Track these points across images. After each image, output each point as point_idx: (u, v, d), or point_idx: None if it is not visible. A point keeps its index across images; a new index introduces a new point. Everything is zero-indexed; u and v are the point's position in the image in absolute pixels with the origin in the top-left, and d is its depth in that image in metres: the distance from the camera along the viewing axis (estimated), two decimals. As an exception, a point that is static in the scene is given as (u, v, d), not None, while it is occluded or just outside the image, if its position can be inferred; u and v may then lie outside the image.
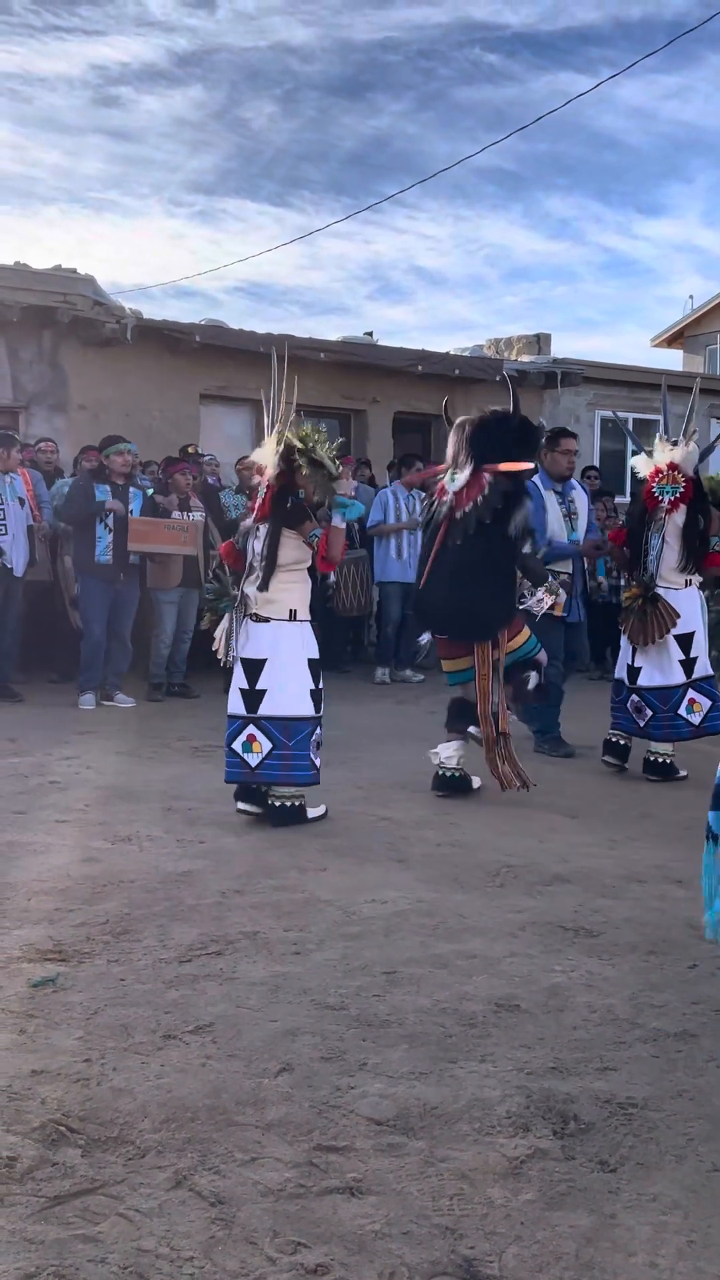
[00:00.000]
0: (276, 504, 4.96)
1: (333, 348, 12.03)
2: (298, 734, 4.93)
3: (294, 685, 4.95)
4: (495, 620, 5.47)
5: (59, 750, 6.38)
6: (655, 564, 6.03)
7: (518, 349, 14.20)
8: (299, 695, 4.96)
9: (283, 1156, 2.29)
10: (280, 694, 4.93)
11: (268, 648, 4.95)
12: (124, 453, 8.12)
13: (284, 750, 4.92)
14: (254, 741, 4.93)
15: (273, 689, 4.93)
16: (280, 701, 4.93)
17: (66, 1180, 2.20)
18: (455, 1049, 2.80)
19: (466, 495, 5.36)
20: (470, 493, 5.34)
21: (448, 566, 5.41)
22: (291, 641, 4.97)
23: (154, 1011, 2.96)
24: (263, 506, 4.99)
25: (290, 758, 4.92)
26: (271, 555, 4.92)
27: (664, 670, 6.04)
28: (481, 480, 5.33)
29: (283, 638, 4.96)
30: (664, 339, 24.35)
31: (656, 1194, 2.19)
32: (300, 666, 4.98)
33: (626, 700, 6.18)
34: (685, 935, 3.64)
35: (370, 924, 3.68)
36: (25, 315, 10.13)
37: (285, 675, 4.94)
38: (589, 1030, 2.93)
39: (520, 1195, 2.18)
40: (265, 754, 4.92)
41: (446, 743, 5.68)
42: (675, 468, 6.04)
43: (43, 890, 3.93)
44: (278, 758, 4.92)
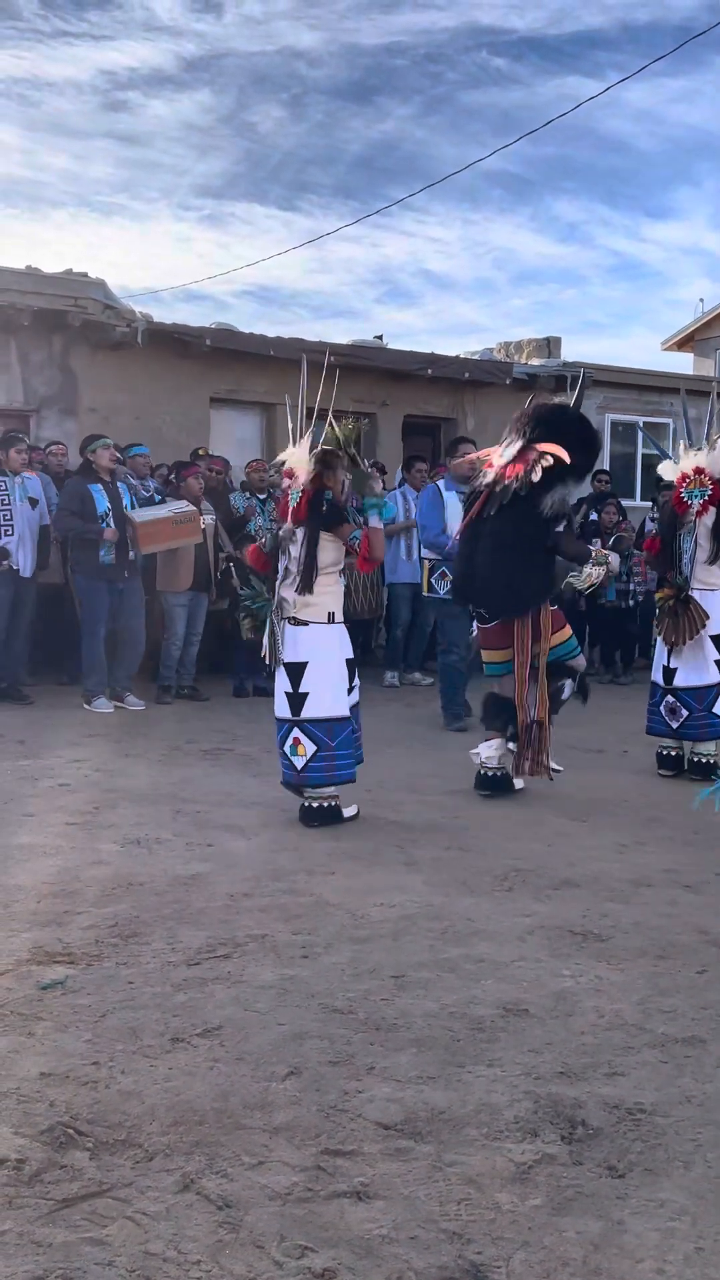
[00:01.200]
0: (313, 508, 5.02)
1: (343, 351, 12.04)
2: (339, 734, 5.03)
3: (334, 687, 5.04)
4: (530, 594, 5.48)
5: (68, 752, 6.39)
6: (689, 566, 6.13)
7: (528, 352, 14.19)
8: (338, 696, 5.05)
9: (290, 1160, 2.29)
10: (321, 696, 5.02)
11: (307, 651, 5.03)
12: (108, 447, 8.11)
13: (327, 752, 5.01)
14: (299, 745, 5.03)
15: (314, 692, 5.01)
16: (322, 704, 5.02)
17: (74, 1183, 2.20)
18: (463, 1053, 2.80)
19: (511, 469, 5.41)
20: (515, 467, 5.40)
21: (482, 537, 5.49)
22: (330, 644, 5.06)
23: (162, 1014, 2.97)
24: (298, 510, 5.04)
25: (334, 759, 5.02)
26: (311, 558, 4.98)
27: (699, 670, 6.13)
28: (528, 457, 5.37)
29: (321, 641, 5.04)
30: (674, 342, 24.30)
31: (664, 1200, 2.19)
32: (339, 667, 5.08)
33: (661, 703, 6.27)
34: (694, 940, 3.64)
35: (378, 927, 3.68)
36: (36, 319, 10.16)
37: (326, 678, 5.03)
38: (597, 1035, 2.92)
39: (528, 1200, 2.17)
40: (310, 757, 5.01)
41: (486, 742, 5.75)
42: (701, 471, 6.15)
43: (52, 893, 3.94)
44: (322, 760, 5.01)
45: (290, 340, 11.68)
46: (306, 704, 5.00)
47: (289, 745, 5.05)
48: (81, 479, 8.10)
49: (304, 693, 5.00)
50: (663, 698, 6.24)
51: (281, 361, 11.56)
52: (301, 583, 4.98)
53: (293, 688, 5.03)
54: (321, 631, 5.04)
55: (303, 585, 4.98)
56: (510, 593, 5.46)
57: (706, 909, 3.97)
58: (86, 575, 7.99)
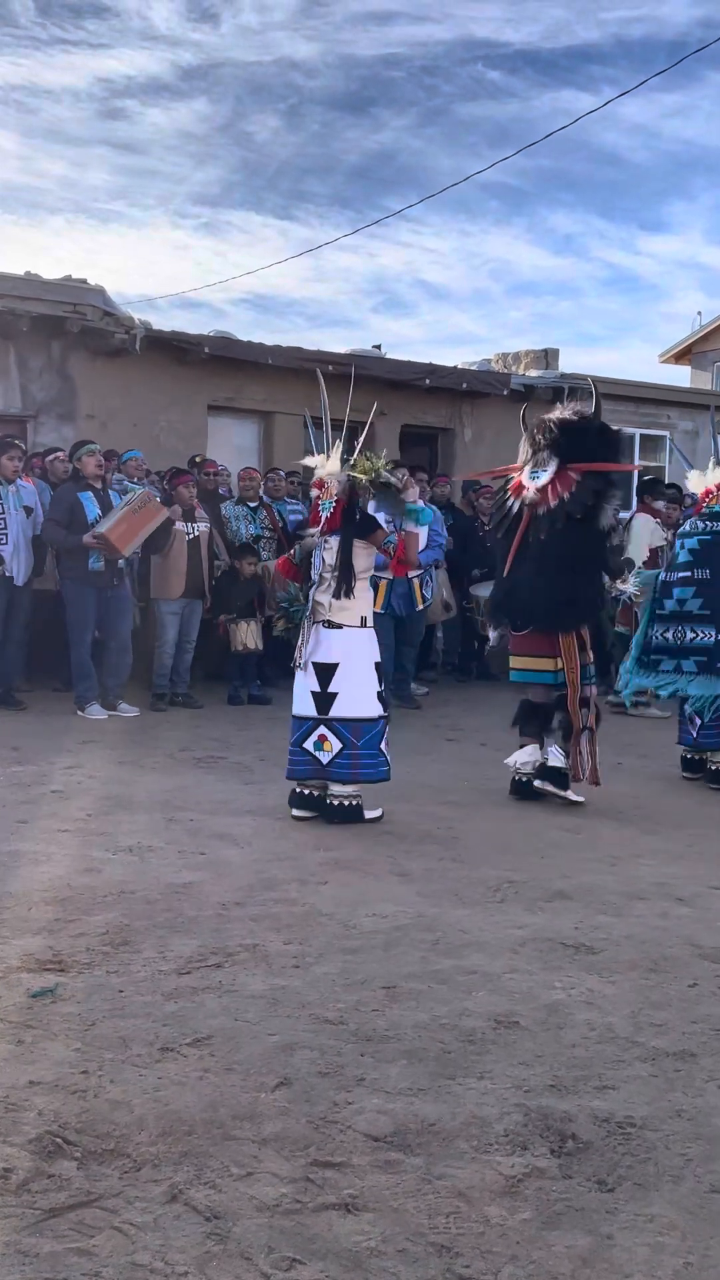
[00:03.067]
0: (347, 517, 5.31)
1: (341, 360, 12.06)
2: (366, 734, 5.22)
3: (364, 689, 5.25)
4: (585, 610, 5.76)
5: (61, 759, 6.38)
6: None
7: (526, 363, 14.23)
8: (368, 698, 5.25)
9: (279, 1171, 2.28)
10: (351, 697, 5.22)
11: (340, 653, 5.24)
12: (94, 454, 8.10)
13: (353, 750, 5.20)
14: (325, 741, 5.22)
15: (343, 692, 5.22)
16: (351, 704, 5.22)
17: (62, 1193, 2.19)
18: (454, 1065, 2.79)
19: (552, 491, 5.57)
20: (556, 489, 5.57)
21: (533, 560, 5.63)
22: (362, 647, 5.29)
23: (152, 1023, 2.96)
24: (332, 519, 5.32)
25: (358, 757, 5.21)
26: (347, 564, 5.23)
27: None
28: (569, 478, 5.55)
29: (354, 643, 5.27)
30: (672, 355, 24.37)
31: (654, 1215, 2.18)
32: (369, 670, 5.29)
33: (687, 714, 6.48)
34: (686, 954, 3.63)
35: (370, 938, 3.67)
36: (35, 325, 10.17)
37: (356, 679, 5.24)
38: (588, 1048, 2.92)
39: (517, 1214, 2.17)
40: (335, 753, 5.19)
41: (520, 749, 5.87)
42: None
43: (43, 900, 3.93)
44: (347, 757, 5.20)
45: (288, 349, 11.71)
46: (335, 703, 5.21)
47: (313, 741, 5.23)
48: (71, 486, 8.10)
49: (333, 693, 5.22)
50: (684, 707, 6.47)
51: (279, 370, 11.60)
52: (340, 587, 5.23)
53: (320, 687, 5.24)
54: (355, 634, 5.27)
55: (341, 590, 5.24)
56: (569, 608, 5.67)
57: (699, 922, 3.97)
58: (75, 581, 7.98)
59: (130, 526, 7.89)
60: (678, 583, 6.22)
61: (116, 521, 7.84)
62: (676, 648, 6.17)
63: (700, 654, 6.07)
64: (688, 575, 6.19)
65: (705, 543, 6.16)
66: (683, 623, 6.16)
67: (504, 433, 13.32)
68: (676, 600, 6.19)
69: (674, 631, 6.20)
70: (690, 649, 6.12)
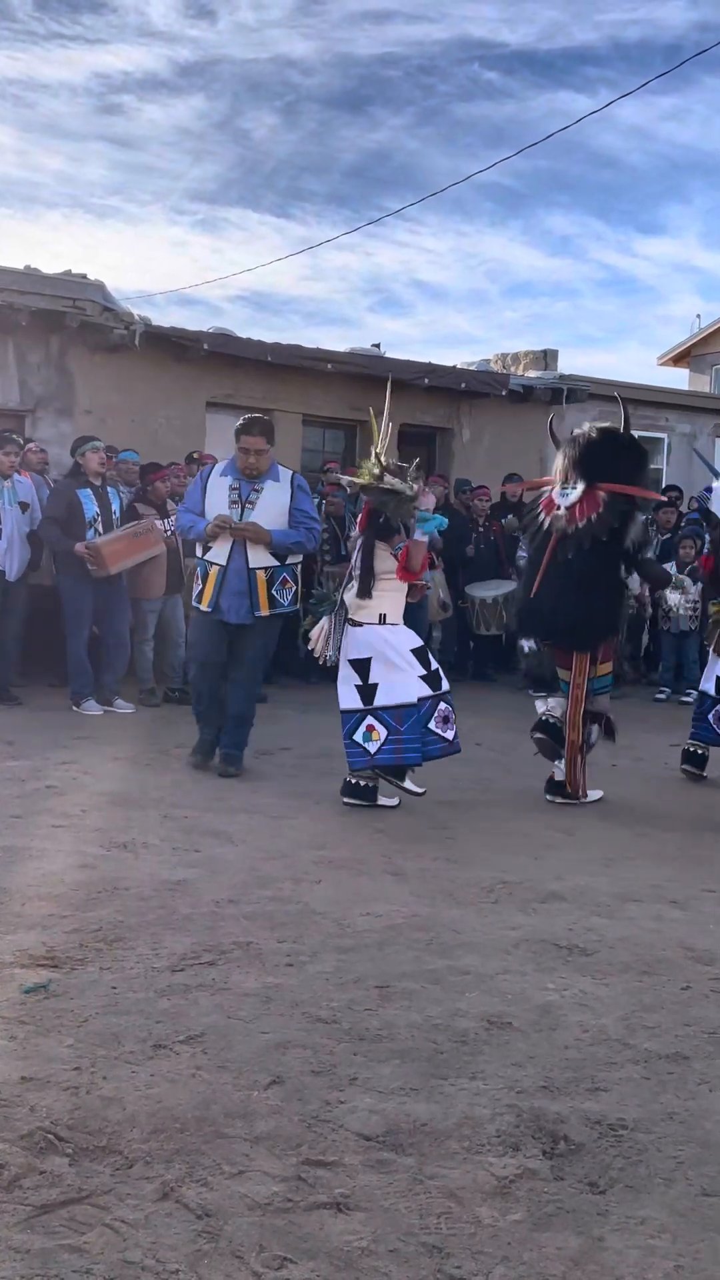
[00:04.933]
0: (371, 519, 5.54)
1: (340, 359, 12.06)
2: (408, 719, 5.44)
3: (400, 675, 5.47)
4: (604, 631, 5.84)
5: (57, 755, 6.37)
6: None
7: (524, 364, 14.23)
8: (407, 684, 5.48)
9: (271, 1170, 2.29)
10: (391, 685, 5.45)
11: (366, 648, 5.49)
12: (98, 450, 8.08)
13: (396, 735, 5.43)
14: (373, 731, 5.45)
15: (382, 682, 5.46)
16: (391, 692, 5.45)
17: (54, 1189, 2.19)
18: (446, 1065, 2.79)
19: (580, 511, 5.62)
20: (584, 509, 5.62)
21: (559, 579, 5.68)
22: (385, 639, 5.50)
23: (145, 1020, 2.96)
24: (361, 521, 5.63)
25: (402, 742, 5.43)
26: (368, 565, 5.48)
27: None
28: (597, 498, 5.61)
29: (376, 638, 5.49)
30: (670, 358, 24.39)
31: (645, 1217, 2.18)
32: (404, 657, 5.51)
33: (710, 711, 6.52)
34: (679, 956, 3.64)
35: (364, 937, 3.67)
36: (34, 319, 10.15)
37: (391, 668, 5.47)
38: (580, 1050, 2.92)
39: (508, 1215, 2.17)
40: (382, 741, 5.43)
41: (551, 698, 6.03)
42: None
43: (37, 895, 3.93)
44: (391, 743, 5.43)
45: (287, 346, 11.69)
46: (378, 693, 5.45)
47: (361, 733, 5.46)
48: (70, 482, 8.07)
49: (374, 684, 5.47)
50: (711, 706, 6.51)
51: (278, 367, 11.59)
52: (360, 588, 5.49)
53: (362, 680, 5.49)
54: (375, 630, 5.50)
55: (361, 590, 5.48)
56: (591, 628, 5.75)
57: (692, 925, 3.97)
58: (72, 577, 7.96)
59: (126, 547, 7.92)
60: None
61: (114, 539, 7.86)
62: None
63: None
64: None
65: None
66: None
67: (502, 433, 13.35)
68: None
69: None
70: None
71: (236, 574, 5.84)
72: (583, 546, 5.59)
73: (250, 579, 5.83)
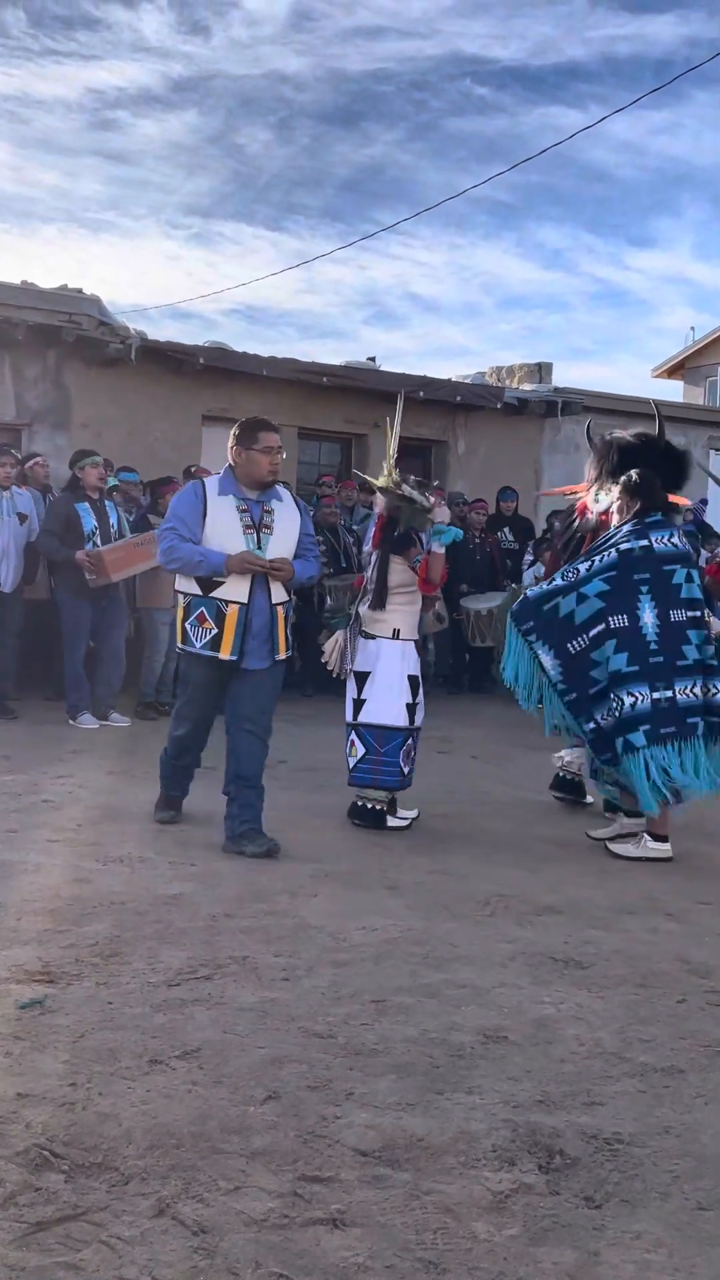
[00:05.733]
0: (386, 532, 5.52)
1: (336, 372, 12.10)
2: (389, 742, 5.41)
3: (390, 697, 5.42)
4: None
5: (53, 769, 6.37)
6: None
7: (519, 377, 14.28)
8: (395, 707, 5.42)
9: (267, 1186, 2.28)
10: (377, 704, 5.42)
11: (372, 662, 5.45)
12: (96, 465, 8.10)
13: (375, 756, 5.40)
14: (353, 746, 5.46)
15: (371, 699, 5.43)
16: (376, 711, 5.42)
17: (49, 1206, 2.19)
18: (442, 1080, 2.79)
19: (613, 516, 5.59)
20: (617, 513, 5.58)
21: None
22: (392, 657, 5.46)
23: (141, 1036, 2.95)
24: (375, 535, 5.58)
25: (380, 764, 5.40)
26: (382, 579, 5.46)
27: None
28: None
29: (384, 653, 5.45)
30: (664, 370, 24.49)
31: (641, 1231, 2.18)
32: (399, 680, 5.45)
33: None
34: (675, 969, 3.64)
35: (360, 951, 3.67)
36: (30, 333, 10.19)
37: (383, 688, 5.43)
38: (576, 1063, 2.92)
39: (504, 1230, 2.17)
40: (359, 758, 5.42)
41: (571, 747, 5.97)
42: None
43: (33, 910, 3.92)
44: (369, 762, 5.41)
45: (283, 360, 11.74)
46: (364, 710, 5.43)
47: (347, 746, 5.50)
48: (69, 496, 8.09)
49: (364, 699, 5.43)
50: None
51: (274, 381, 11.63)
52: (374, 600, 5.46)
53: (356, 694, 5.48)
54: (386, 646, 5.47)
55: (375, 603, 5.46)
56: None
57: (688, 937, 3.98)
58: (70, 591, 7.97)
59: (127, 555, 7.94)
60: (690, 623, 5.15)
61: (115, 547, 7.88)
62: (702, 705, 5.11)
63: None
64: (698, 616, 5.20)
65: None
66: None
67: (497, 446, 13.39)
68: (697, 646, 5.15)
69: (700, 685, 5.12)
70: None
71: (259, 614, 4.90)
72: None
73: (272, 618, 4.94)
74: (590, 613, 5.07)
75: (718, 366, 23.13)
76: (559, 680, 5.11)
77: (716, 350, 23.24)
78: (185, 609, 4.95)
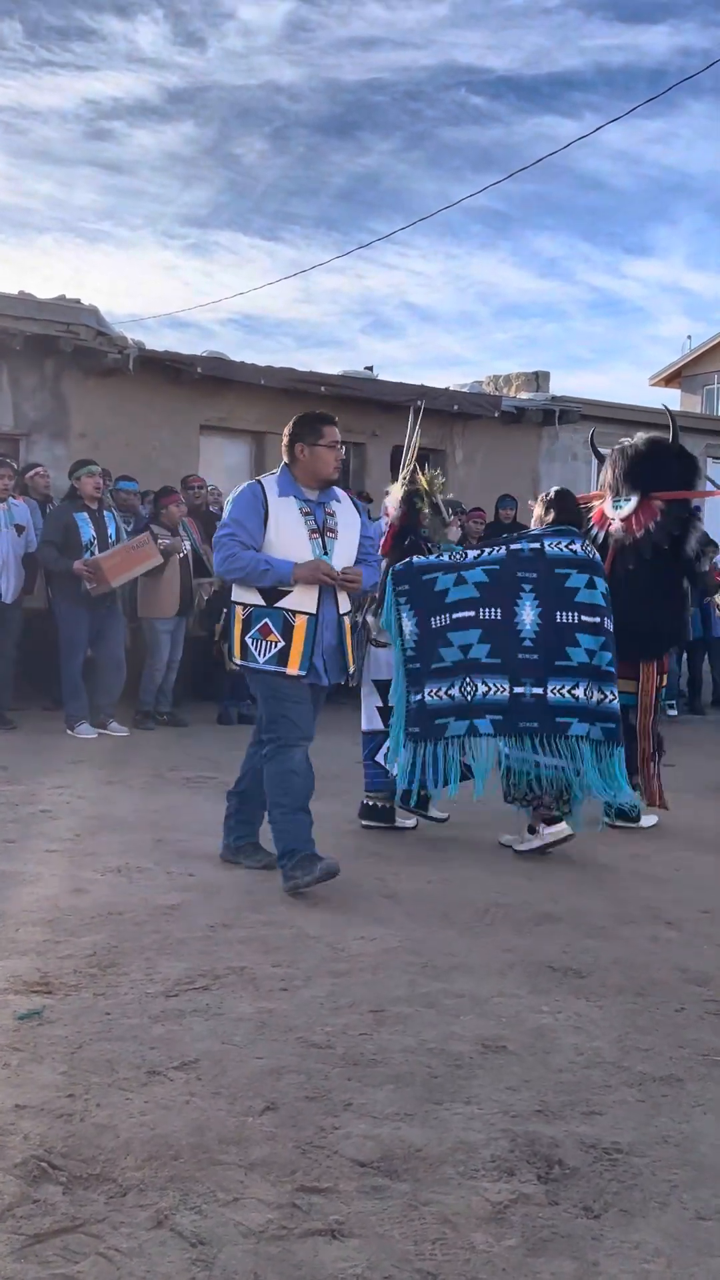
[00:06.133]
0: (396, 541, 5.53)
1: (334, 382, 12.13)
2: (368, 746, 5.63)
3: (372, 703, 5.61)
4: (673, 638, 5.96)
5: (50, 779, 6.37)
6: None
7: (516, 386, 14.31)
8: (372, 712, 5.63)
9: (265, 1197, 2.28)
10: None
11: (388, 668, 5.47)
12: (94, 474, 8.11)
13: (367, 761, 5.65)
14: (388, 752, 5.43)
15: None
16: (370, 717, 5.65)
17: (47, 1218, 2.18)
18: (441, 1090, 2.79)
19: (637, 521, 5.67)
20: (641, 519, 5.67)
21: (625, 589, 5.56)
22: None
23: (139, 1046, 2.95)
24: (385, 543, 5.53)
25: (366, 767, 5.64)
26: None
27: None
28: (653, 508, 5.66)
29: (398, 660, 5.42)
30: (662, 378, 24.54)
31: (639, 1241, 2.18)
32: None
33: None
34: (674, 978, 3.64)
35: (358, 961, 3.67)
36: (28, 344, 10.21)
37: None
38: (575, 1073, 2.92)
39: (503, 1241, 2.16)
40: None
41: None
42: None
43: (31, 921, 3.92)
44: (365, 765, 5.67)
45: (281, 370, 11.76)
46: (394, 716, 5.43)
47: (383, 753, 5.45)
48: (67, 506, 8.11)
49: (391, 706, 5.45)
50: None
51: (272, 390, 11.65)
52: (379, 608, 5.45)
53: (383, 701, 5.53)
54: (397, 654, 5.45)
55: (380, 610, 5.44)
56: (656, 639, 5.80)
57: (686, 946, 3.98)
58: (68, 600, 7.98)
59: (124, 560, 7.96)
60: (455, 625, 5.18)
61: (111, 553, 7.89)
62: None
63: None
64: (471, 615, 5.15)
65: None
66: None
67: (495, 454, 13.41)
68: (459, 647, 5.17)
69: None
70: None
71: (329, 626, 4.55)
72: (644, 556, 5.62)
73: (341, 630, 4.62)
74: (462, 597, 5.16)
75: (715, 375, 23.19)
76: (410, 647, 5.25)
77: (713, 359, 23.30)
78: (245, 621, 4.50)
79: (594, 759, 5.02)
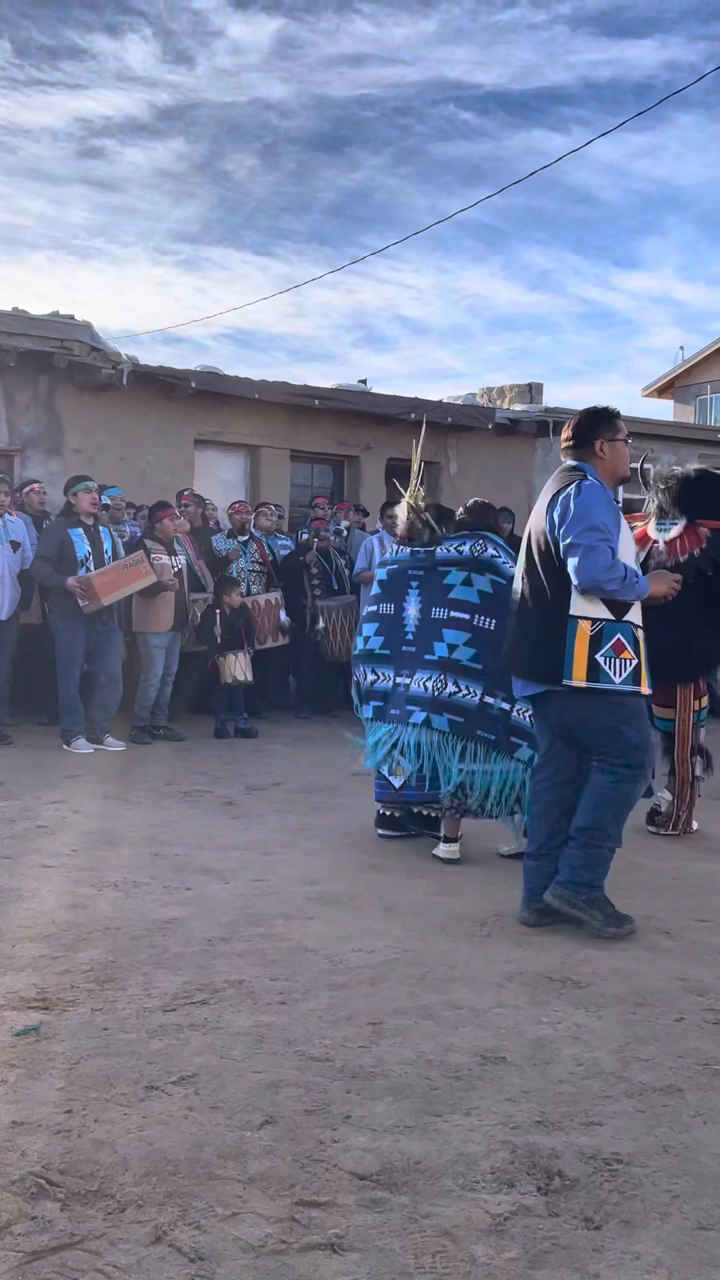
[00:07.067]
0: None
1: (327, 395, 12.16)
2: None
3: None
4: (710, 663, 5.97)
5: (47, 794, 6.35)
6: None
7: (510, 398, 14.35)
8: None
9: (264, 1211, 2.27)
10: None
11: None
12: (90, 490, 8.11)
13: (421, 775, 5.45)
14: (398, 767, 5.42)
15: None
16: None
17: (45, 1234, 2.17)
18: (440, 1102, 2.78)
19: (682, 545, 5.79)
20: (686, 543, 5.79)
21: (663, 612, 5.44)
22: None
23: (137, 1062, 2.94)
24: None
25: (424, 780, 5.41)
26: None
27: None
28: (699, 534, 5.79)
29: None
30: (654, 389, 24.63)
31: (640, 1252, 2.17)
32: None
33: None
34: (673, 987, 3.63)
35: (357, 973, 3.66)
36: (22, 360, 10.23)
37: None
38: (575, 1084, 2.91)
39: (503, 1253, 2.16)
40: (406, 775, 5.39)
41: (667, 787, 6.06)
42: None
43: (28, 936, 3.91)
44: (417, 780, 5.44)
45: (274, 384, 11.79)
46: None
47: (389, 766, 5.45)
48: (63, 522, 8.11)
49: None
50: None
51: (266, 404, 11.68)
52: None
53: None
54: None
55: None
56: (697, 660, 5.85)
57: (685, 956, 3.97)
58: (64, 616, 7.98)
59: (117, 578, 7.95)
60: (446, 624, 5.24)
61: (104, 571, 7.89)
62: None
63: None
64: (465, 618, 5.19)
65: None
66: None
67: (489, 466, 13.45)
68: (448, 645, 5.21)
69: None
70: None
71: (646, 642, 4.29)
72: (686, 581, 5.64)
73: None
74: (374, 593, 5.70)
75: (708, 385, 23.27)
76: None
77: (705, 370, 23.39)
78: (594, 638, 4.04)
79: (438, 749, 5.13)
